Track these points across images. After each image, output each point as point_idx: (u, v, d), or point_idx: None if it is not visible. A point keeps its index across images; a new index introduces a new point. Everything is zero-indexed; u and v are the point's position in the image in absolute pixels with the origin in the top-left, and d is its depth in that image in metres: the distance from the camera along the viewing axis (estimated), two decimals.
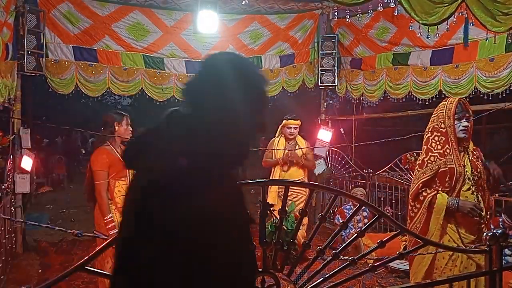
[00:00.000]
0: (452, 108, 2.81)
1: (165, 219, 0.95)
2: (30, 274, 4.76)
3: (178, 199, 0.96)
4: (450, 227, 2.75)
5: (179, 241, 0.95)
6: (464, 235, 2.74)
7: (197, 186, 0.97)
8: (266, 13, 6.80)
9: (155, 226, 0.96)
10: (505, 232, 1.86)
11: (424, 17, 4.05)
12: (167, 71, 6.41)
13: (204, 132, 1.03)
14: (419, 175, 2.84)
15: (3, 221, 4.40)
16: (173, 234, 0.95)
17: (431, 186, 2.80)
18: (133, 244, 1.00)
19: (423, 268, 2.77)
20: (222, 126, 1.04)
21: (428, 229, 2.74)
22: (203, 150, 1.00)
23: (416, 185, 2.82)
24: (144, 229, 0.97)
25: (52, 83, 5.77)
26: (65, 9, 5.74)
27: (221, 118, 1.04)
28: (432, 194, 2.75)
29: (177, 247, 0.94)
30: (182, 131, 1.04)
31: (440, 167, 2.76)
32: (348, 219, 1.43)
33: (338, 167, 6.93)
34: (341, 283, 1.45)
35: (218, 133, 1.04)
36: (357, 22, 6.49)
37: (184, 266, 0.94)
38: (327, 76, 7.03)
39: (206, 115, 1.05)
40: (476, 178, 2.80)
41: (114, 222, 3.25)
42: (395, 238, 1.67)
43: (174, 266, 0.94)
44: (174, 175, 0.98)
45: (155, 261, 0.95)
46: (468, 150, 2.86)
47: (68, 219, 7.83)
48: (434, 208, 2.72)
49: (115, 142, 3.43)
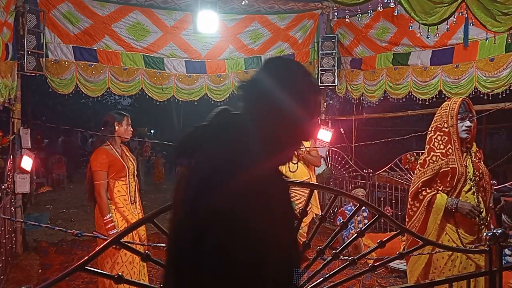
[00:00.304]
0: (456, 108, 2.81)
1: (224, 216, 0.94)
2: (30, 274, 4.76)
3: (236, 196, 0.96)
4: (449, 227, 2.76)
5: (242, 237, 0.94)
6: (463, 235, 2.74)
7: (254, 183, 0.98)
8: (266, 13, 6.80)
9: (215, 224, 0.95)
10: (505, 232, 1.86)
11: (424, 17, 4.05)
12: (167, 71, 6.41)
13: (259, 132, 1.06)
14: (420, 174, 2.84)
15: (3, 221, 4.39)
16: (234, 231, 0.94)
17: (431, 186, 2.80)
18: (189, 242, 0.97)
19: (419, 266, 2.78)
20: (277, 126, 1.09)
21: (426, 229, 2.74)
22: (258, 149, 1.02)
23: (416, 184, 2.83)
24: (201, 228, 0.96)
25: (52, 83, 5.77)
26: (65, 9, 5.74)
27: (277, 118, 1.09)
28: (431, 194, 2.75)
29: (241, 241, 0.94)
30: (237, 130, 1.06)
31: (442, 167, 2.77)
32: (348, 219, 1.43)
33: (338, 167, 6.94)
34: (341, 283, 1.45)
35: (273, 133, 1.08)
36: (357, 22, 6.49)
37: (249, 262, 0.95)
38: (327, 76, 7.03)
39: (262, 116, 1.08)
40: (478, 179, 2.80)
41: (114, 222, 3.25)
42: (395, 238, 1.67)
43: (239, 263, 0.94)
44: (230, 172, 0.98)
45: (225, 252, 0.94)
46: (470, 151, 2.86)
47: (68, 219, 7.83)
48: (433, 208, 2.72)
49: (115, 142, 3.43)
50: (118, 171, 3.35)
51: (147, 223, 1.18)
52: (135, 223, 2.62)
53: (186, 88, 6.53)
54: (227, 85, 6.73)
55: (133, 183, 3.45)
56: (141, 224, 2.25)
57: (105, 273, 1.16)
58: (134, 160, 3.57)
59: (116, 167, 3.34)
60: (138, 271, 3.39)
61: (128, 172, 3.40)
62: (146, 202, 6.45)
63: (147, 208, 3.37)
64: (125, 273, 3.25)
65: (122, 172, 3.37)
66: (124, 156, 3.45)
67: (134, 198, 3.45)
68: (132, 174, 3.46)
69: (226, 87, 6.73)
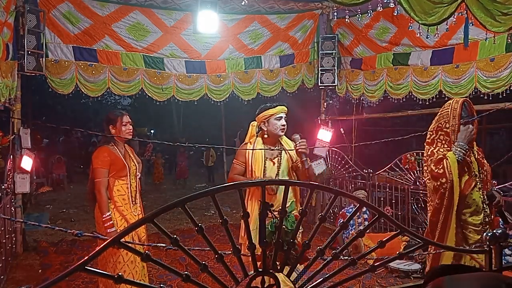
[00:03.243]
0: (458, 108, 2.82)
1: None
2: (30, 274, 4.76)
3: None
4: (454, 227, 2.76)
5: None
6: (468, 235, 2.74)
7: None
8: (266, 13, 6.80)
9: None
10: (505, 232, 1.86)
11: (423, 17, 4.05)
12: (167, 71, 6.41)
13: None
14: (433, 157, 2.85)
15: (3, 221, 4.40)
16: None
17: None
18: None
19: (448, 261, 2.74)
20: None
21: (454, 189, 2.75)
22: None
23: (434, 157, 2.82)
24: None
25: (52, 83, 5.77)
26: (65, 9, 5.74)
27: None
28: (444, 153, 2.79)
29: None
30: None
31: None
32: (349, 218, 1.43)
33: (338, 167, 6.94)
34: (341, 283, 1.45)
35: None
36: (357, 22, 6.50)
37: None
38: (327, 76, 7.03)
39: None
40: (482, 176, 2.82)
41: (112, 220, 3.25)
42: (395, 238, 1.67)
43: None
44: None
45: None
46: (473, 150, 2.89)
47: (68, 219, 7.84)
48: (449, 161, 2.75)
49: (118, 142, 3.44)
50: (119, 170, 3.35)
51: (147, 223, 1.18)
52: (135, 223, 2.62)
53: (186, 88, 6.53)
54: (227, 85, 6.73)
55: (134, 183, 3.45)
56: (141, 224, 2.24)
57: (105, 273, 1.16)
58: (137, 162, 3.57)
59: (117, 165, 3.34)
60: (139, 270, 3.40)
61: (129, 172, 3.40)
62: (146, 202, 6.44)
63: (147, 208, 3.36)
64: (127, 272, 3.25)
65: (123, 171, 3.37)
66: (126, 156, 3.45)
67: (135, 199, 3.44)
68: (134, 175, 3.46)
69: (226, 87, 6.73)
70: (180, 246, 1.18)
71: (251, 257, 1.27)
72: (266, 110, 3.30)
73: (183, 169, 12.89)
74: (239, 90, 6.81)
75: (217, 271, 1.67)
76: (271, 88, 7.02)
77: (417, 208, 5.67)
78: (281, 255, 1.35)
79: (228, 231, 1.23)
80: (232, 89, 6.74)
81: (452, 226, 2.75)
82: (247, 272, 1.28)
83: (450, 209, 2.75)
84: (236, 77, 6.78)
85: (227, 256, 1.29)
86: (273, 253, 1.33)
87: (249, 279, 1.27)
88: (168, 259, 4.95)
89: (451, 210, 2.75)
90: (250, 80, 6.87)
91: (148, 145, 13.58)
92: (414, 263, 4.73)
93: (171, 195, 10.86)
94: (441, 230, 2.79)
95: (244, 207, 1.28)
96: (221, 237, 5.85)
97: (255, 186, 3.01)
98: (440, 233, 2.79)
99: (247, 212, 1.27)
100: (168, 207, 1.14)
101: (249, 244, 1.25)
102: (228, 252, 1.37)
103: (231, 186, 1.23)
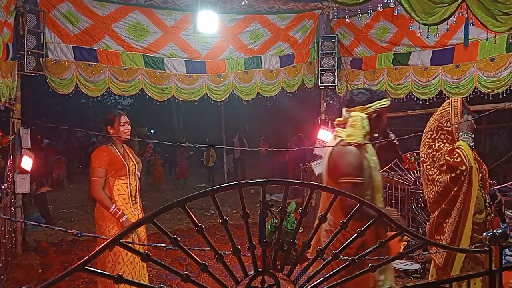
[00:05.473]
0: (458, 106, 2.83)
1: None
2: (30, 274, 4.76)
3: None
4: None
5: None
6: (472, 234, 2.73)
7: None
8: (266, 13, 6.80)
9: None
10: (505, 232, 1.86)
11: (424, 17, 4.05)
12: (167, 71, 6.41)
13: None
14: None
15: (3, 221, 4.40)
16: None
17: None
18: None
19: (460, 260, 2.73)
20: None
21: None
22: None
23: (444, 150, 2.80)
24: None
25: (52, 83, 5.77)
26: (65, 9, 5.74)
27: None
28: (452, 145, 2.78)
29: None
30: None
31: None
32: (349, 218, 1.43)
33: None
34: (341, 283, 1.45)
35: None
36: (357, 22, 6.49)
37: None
38: (327, 76, 7.03)
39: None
40: (482, 175, 2.81)
41: (121, 210, 3.24)
42: (395, 238, 1.66)
43: None
44: None
45: None
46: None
47: (68, 219, 7.84)
48: (463, 148, 2.74)
49: (117, 142, 3.44)
50: (118, 170, 3.35)
51: (147, 223, 1.18)
52: (135, 223, 2.62)
53: (186, 88, 6.53)
54: (227, 85, 6.73)
55: (134, 183, 3.45)
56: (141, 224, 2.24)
57: (105, 273, 1.16)
58: (137, 161, 3.57)
59: (116, 165, 3.34)
60: (138, 271, 3.39)
61: (128, 172, 3.40)
62: (146, 202, 6.45)
63: (147, 208, 3.37)
64: (127, 273, 3.25)
65: (122, 170, 3.37)
66: (126, 155, 3.45)
67: (135, 198, 3.44)
68: (133, 175, 3.45)
69: (226, 87, 6.73)
70: (180, 246, 1.18)
71: (251, 257, 1.27)
72: (381, 100, 2.46)
73: (183, 169, 12.87)
74: (239, 90, 6.81)
75: (217, 271, 1.67)
76: (271, 88, 7.03)
77: (417, 208, 5.67)
78: (281, 255, 1.35)
79: (228, 231, 1.23)
80: (232, 89, 6.75)
81: (470, 216, 2.71)
82: (247, 272, 1.28)
83: (469, 199, 2.72)
84: (236, 77, 6.78)
85: (227, 256, 1.29)
86: (273, 253, 1.33)
87: (249, 279, 1.27)
88: (168, 259, 4.95)
89: (469, 199, 2.72)
90: (250, 80, 6.87)
91: (148, 145, 13.57)
92: (414, 263, 4.73)
93: (171, 195, 10.85)
94: (456, 223, 2.75)
95: (244, 207, 1.28)
96: (221, 237, 5.85)
97: (255, 186, 3.01)
98: (456, 225, 2.74)
99: (247, 212, 1.27)
100: (168, 207, 1.13)
101: (249, 244, 1.25)
102: (228, 252, 1.37)
103: (231, 186, 1.22)
